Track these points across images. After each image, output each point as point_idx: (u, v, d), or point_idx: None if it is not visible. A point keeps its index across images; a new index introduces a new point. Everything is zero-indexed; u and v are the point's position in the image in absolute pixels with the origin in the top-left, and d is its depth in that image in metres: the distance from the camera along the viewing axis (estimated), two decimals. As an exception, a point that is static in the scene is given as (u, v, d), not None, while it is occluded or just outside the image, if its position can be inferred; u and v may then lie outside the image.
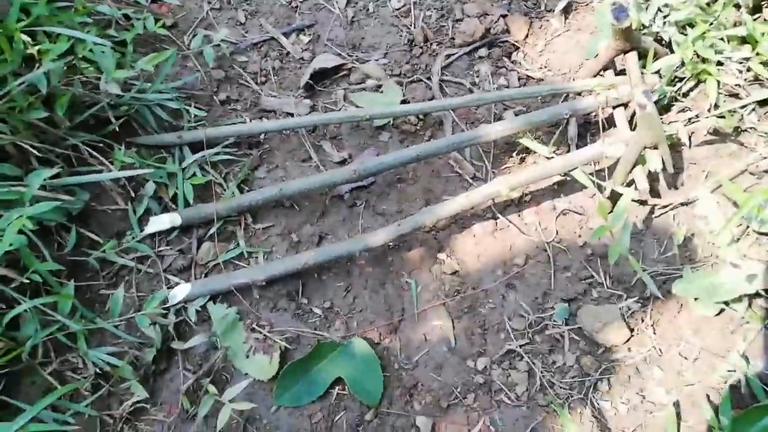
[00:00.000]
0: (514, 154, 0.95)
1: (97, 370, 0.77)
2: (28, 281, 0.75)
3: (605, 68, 0.92)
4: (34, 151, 0.79)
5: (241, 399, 0.77)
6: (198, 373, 0.79)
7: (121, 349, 0.79)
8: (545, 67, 1.01)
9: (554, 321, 0.85)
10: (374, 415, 0.80)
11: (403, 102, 0.98)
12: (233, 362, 0.81)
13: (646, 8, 0.90)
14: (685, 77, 0.89)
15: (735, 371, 0.75)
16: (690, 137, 0.87)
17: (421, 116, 0.97)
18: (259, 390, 0.80)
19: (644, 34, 0.89)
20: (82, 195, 0.85)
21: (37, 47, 0.83)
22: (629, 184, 0.85)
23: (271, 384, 0.80)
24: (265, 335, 0.83)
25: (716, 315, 0.78)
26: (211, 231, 0.89)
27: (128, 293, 0.83)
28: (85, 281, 0.83)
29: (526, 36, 1.03)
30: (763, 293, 0.76)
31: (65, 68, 0.84)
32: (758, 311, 0.77)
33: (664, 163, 0.82)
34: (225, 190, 0.91)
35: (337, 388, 0.81)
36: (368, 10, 1.07)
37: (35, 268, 0.76)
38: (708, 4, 0.87)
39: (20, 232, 0.73)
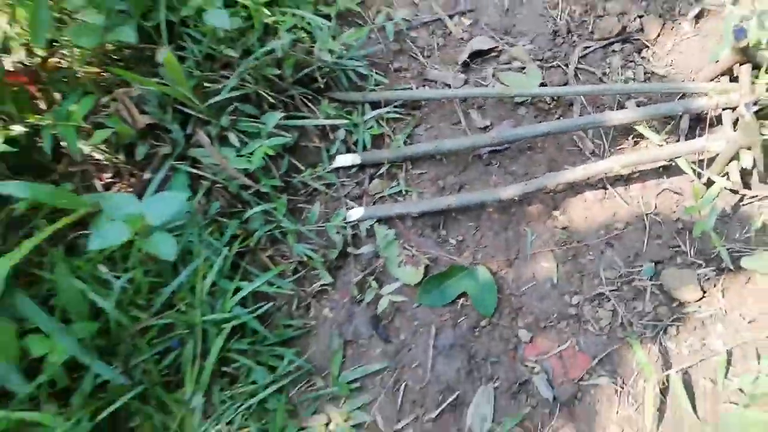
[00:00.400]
0: (629, 138, 1.15)
1: (299, 259, 1.10)
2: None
3: (723, 74, 1.08)
4: (268, 98, 1.11)
5: (393, 295, 1.07)
6: (365, 272, 1.11)
7: (314, 248, 1.11)
8: (670, 65, 1.18)
9: (641, 277, 1.07)
10: (487, 323, 1.08)
11: (542, 84, 1.20)
12: (389, 269, 1.12)
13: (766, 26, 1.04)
14: (792, 90, 1.04)
15: None
16: (786, 143, 1.03)
17: (555, 98, 1.19)
18: (406, 291, 1.10)
19: (762, 49, 1.04)
20: (293, 133, 1.16)
21: (273, 19, 1.13)
22: (724, 176, 1.04)
23: (415, 289, 1.10)
24: (413, 253, 1.12)
25: None
26: (381, 171, 1.18)
27: (319, 209, 1.15)
28: (291, 196, 1.15)
29: (658, 35, 1.20)
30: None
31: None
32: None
33: (755, 162, 1.00)
34: (393, 141, 1.19)
35: (461, 299, 1.10)
36: (522, 1, 1.27)
37: (264, 182, 1.10)
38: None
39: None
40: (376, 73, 1.23)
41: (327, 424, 1.01)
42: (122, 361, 0.97)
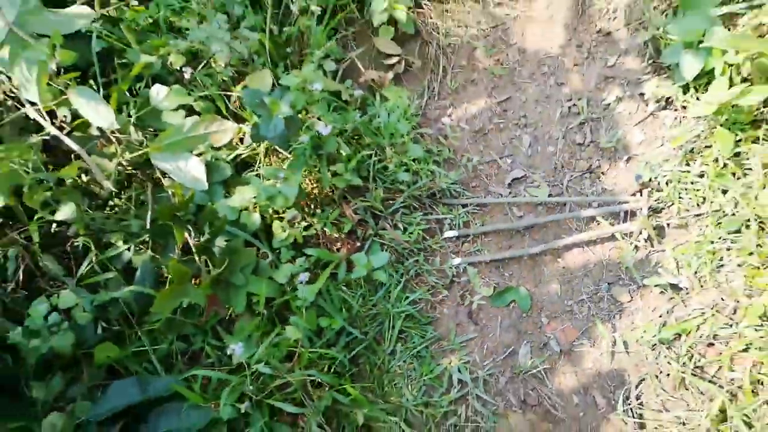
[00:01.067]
0: (594, 222, 2.27)
1: (431, 284, 2.22)
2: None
3: (637, 191, 2.20)
4: (415, 205, 2.27)
5: (479, 301, 2.18)
6: (463, 290, 2.22)
7: (437, 278, 2.23)
8: (615, 185, 2.31)
9: (602, 291, 2.16)
10: (526, 315, 2.17)
11: (549, 195, 2.33)
12: (475, 288, 2.23)
13: (653, 170, 2.17)
14: (667, 200, 2.15)
15: (664, 317, 2.03)
16: (668, 225, 2.14)
17: (557, 203, 2.32)
18: (485, 300, 2.21)
19: (651, 181, 2.16)
20: (426, 221, 2.31)
21: (417, 167, 2.31)
22: (639, 240, 2.14)
23: (489, 298, 2.20)
24: (487, 281, 2.24)
25: (660, 293, 2.06)
26: (468, 239, 2.31)
27: (439, 259, 2.28)
28: (425, 252, 2.29)
29: (608, 169, 2.34)
30: (678, 285, 2.02)
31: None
32: (677, 293, 2.03)
33: (650, 234, 2.11)
34: (474, 224, 2.33)
35: (513, 303, 2.19)
36: (537, 151, 2.43)
37: (413, 246, 2.24)
38: (682, 172, 2.13)
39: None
40: (463, 189, 2.38)
41: (450, 363, 2.11)
42: (358, 329, 2.10)
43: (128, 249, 2.11)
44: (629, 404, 1.91)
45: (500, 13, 2.60)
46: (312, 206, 2.23)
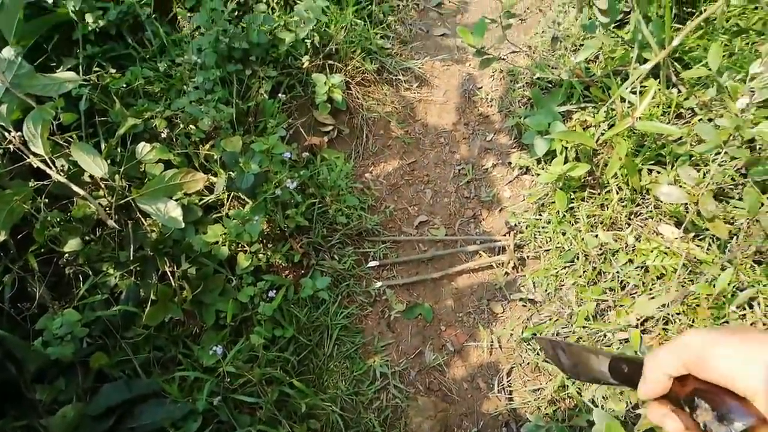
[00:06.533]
0: (477, 254, 2.94)
1: (355, 303, 2.76)
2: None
3: (507, 232, 2.91)
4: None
5: (395, 315, 2.75)
6: (383, 307, 2.79)
7: (364, 298, 2.78)
8: (491, 228, 3.01)
9: (483, 305, 2.82)
10: (430, 324, 2.77)
11: (446, 234, 2.98)
12: (392, 305, 2.80)
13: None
14: (527, 239, 2.87)
15: (525, 322, 2.72)
16: (527, 257, 2.86)
17: (451, 241, 2.97)
18: (399, 314, 2.79)
19: (516, 225, 2.89)
20: (357, 254, 2.87)
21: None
22: (508, 266, 2.84)
23: (402, 312, 2.79)
24: (401, 299, 2.82)
25: (523, 305, 2.75)
26: (387, 267, 2.89)
27: (365, 283, 2.83)
28: (353, 278, 2.83)
29: (487, 215, 3.04)
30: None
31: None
32: (533, 305, 2.74)
33: (515, 263, 2.81)
34: (390, 257, 2.92)
35: (419, 315, 2.79)
36: (437, 201, 3.09)
37: (345, 274, 2.78)
38: (536, 220, 2.87)
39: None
40: (383, 229, 2.96)
41: (374, 361, 2.64)
42: (304, 337, 2.58)
43: (114, 276, 2.47)
44: (502, 385, 2.55)
45: (409, 96, 3.28)
46: (266, 242, 2.71)
